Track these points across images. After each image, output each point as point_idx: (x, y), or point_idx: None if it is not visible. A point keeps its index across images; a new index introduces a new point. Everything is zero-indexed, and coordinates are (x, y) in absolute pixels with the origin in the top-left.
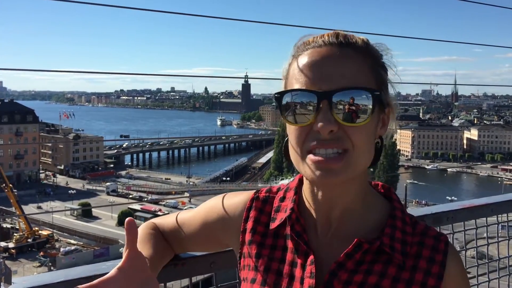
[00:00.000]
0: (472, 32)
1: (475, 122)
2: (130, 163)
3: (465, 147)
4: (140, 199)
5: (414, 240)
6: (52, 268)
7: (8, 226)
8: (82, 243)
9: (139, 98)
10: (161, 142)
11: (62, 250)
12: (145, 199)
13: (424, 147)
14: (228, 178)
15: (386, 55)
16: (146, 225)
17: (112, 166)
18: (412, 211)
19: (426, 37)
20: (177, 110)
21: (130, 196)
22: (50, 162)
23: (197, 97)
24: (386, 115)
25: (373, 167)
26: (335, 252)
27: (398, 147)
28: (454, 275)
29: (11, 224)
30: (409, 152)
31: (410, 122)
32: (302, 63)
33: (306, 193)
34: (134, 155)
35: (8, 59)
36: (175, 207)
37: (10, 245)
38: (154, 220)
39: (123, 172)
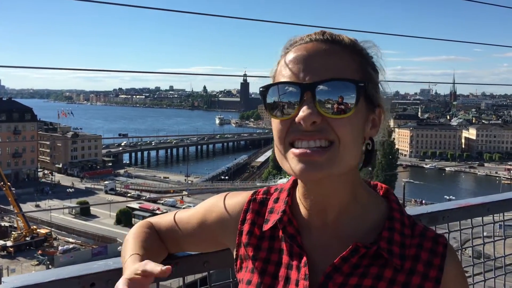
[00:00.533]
0: (471, 31)
1: (474, 121)
2: (128, 162)
3: (463, 147)
4: (138, 198)
5: (412, 242)
6: (50, 266)
7: (6, 224)
8: (80, 242)
9: (138, 96)
10: (161, 140)
11: (60, 248)
12: (143, 198)
13: (422, 146)
14: (226, 177)
15: (376, 55)
16: (141, 223)
17: (110, 164)
18: (408, 211)
19: (425, 36)
20: (175, 109)
21: (129, 194)
22: (48, 161)
23: (195, 95)
24: (377, 116)
25: (365, 168)
26: (331, 253)
27: (397, 146)
28: (453, 280)
29: (9, 222)
30: (407, 151)
31: (408, 121)
32: (288, 59)
33: (299, 193)
34: (133, 154)
35: (6, 58)
36: (174, 206)
37: (8, 243)
38: (151, 219)
39: (122, 170)
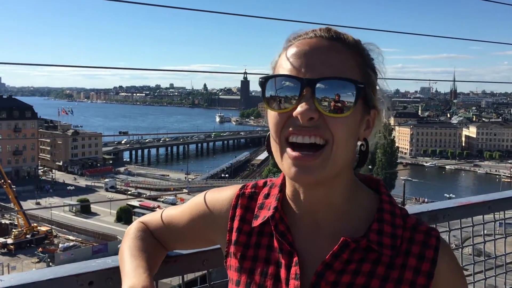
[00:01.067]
0: (471, 29)
1: (474, 119)
2: (128, 160)
3: (463, 145)
4: (138, 196)
5: (405, 235)
6: (50, 264)
7: (6, 222)
8: (80, 239)
9: (138, 94)
10: (161, 138)
11: (60, 246)
12: (143, 196)
13: (422, 145)
14: (227, 175)
15: (377, 58)
16: (135, 226)
17: (110, 162)
18: (408, 209)
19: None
20: (176, 107)
21: (129, 192)
22: (48, 158)
23: (196, 93)
24: (372, 118)
25: (359, 168)
26: (322, 251)
27: (397, 145)
28: (446, 272)
29: (10, 220)
30: (407, 149)
31: (409, 120)
32: (291, 53)
33: (288, 191)
34: (133, 152)
35: (6, 55)
36: (174, 204)
37: (9, 241)
38: (142, 219)
39: (122, 168)
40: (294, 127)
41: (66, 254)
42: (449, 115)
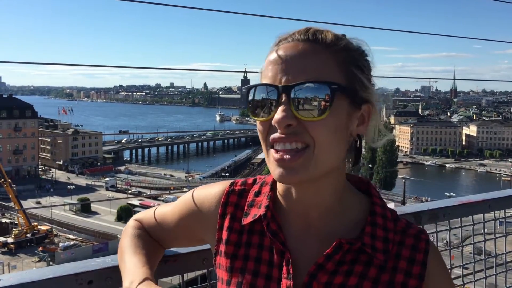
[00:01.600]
0: (471, 27)
1: (474, 118)
2: (129, 159)
3: (464, 143)
4: (139, 195)
5: (395, 238)
6: (51, 263)
7: (7, 221)
8: (81, 238)
9: (138, 93)
10: (160, 138)
11: (61, 245)
12: (144, 194)
13: (423, 143)
14: (227, 174)
15: (362, 52)
16: (132, 225)
17: (111, 161)
18: (408, 208)
19: (425, 32)
20: (176, 106)
21: (129, 191)
22: (49, 158)
23: (196, 92)
24: (366, 112)
25: (356, 166)
26: (314, 251)
27: (397, 143)
28: (436, 275)
29: (10, 219)
30: (408, 148)
31: (409, 118)
32: (270, 60)
33: (280, 190)
34: (133, 151)
35: (6, 54)
36: None
37: (9, 240)
38: (137, 217)
39: (122, 167)
40: (276, 134)
41: (67, 253)
42: (449, 114)
